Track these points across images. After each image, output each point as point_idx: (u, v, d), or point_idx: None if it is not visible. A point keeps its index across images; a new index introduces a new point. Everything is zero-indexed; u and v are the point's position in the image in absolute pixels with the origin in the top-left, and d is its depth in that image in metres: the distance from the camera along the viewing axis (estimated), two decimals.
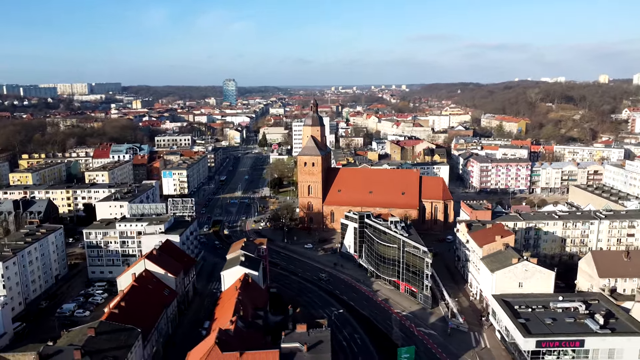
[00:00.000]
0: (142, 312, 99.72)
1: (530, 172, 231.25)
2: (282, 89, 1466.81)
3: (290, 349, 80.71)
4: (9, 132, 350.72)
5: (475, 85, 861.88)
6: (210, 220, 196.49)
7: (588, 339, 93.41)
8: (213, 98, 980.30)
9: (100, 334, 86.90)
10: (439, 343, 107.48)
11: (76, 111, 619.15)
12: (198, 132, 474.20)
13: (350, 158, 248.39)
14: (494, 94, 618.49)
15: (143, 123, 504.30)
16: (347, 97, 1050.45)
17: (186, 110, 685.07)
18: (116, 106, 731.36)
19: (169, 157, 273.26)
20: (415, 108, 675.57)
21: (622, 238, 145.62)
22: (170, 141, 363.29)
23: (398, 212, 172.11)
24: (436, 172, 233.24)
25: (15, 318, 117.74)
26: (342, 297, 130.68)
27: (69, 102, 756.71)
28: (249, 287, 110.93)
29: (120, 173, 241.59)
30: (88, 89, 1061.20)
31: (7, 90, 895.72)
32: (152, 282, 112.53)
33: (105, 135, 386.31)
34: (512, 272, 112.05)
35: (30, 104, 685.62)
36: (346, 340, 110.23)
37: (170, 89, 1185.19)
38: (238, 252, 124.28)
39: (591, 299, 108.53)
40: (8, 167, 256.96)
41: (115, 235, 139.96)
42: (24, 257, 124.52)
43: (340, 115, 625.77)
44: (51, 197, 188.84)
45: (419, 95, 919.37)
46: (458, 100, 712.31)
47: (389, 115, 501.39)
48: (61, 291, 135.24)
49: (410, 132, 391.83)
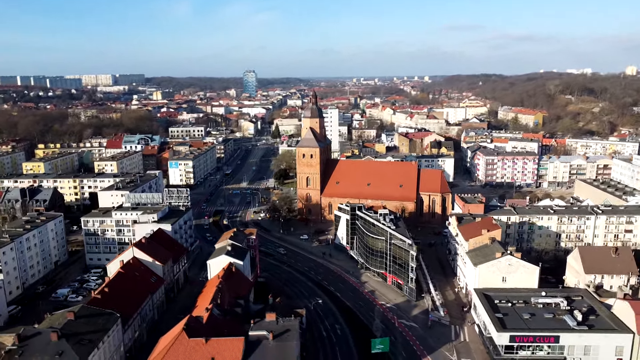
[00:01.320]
0: (125, 298, 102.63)
1: (537, 166, 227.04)
2: (304, 81, 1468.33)
3: (257, 336, 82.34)
4: (28, 122, 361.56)
5: (497, 76, 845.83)
6: (204, 210, 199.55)
7: (563, 335, 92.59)
8: (234, 89, 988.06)
9: (80, 317, 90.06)
10: (418, 335, 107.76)
11: (97, 102, 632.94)
12: (213, 123, 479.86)
13: (355, 150, 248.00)
14: (514, 86, 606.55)
15: (161, 114, 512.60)
16: (368, 88, 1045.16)
17: (205, 101, 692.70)
18: (138, 97, 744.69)
19: (178, 147, 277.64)
20: (434, 100, 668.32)
21: (619, 234, 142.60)
22: (184, 132, 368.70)
23: (394, 204, 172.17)
24: (441, 165, 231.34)
25: (13, 301, 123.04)
26: (329, 287, 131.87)
27: (92, 93, 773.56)
28: (232, 276, 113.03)
29: (129, 163, 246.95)
30: (112, 80, 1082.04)
31: (34, 81, 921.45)
32: (139, 270, 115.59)
33: (122, 126, 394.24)
34: (495, 267, 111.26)
35: (54, 95, 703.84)
36: (327, 330, 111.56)
37: (193, 80, 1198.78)
38: (226, 241, 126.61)
39: (575, 295, 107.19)
40: (24, 157, 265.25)
41: (111, 223, 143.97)
42: (22, 244, 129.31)
43: (357, 107, 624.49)
44: (59, 186, 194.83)
45: (440, 87, 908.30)
46: (479, 92, 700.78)
47: (404, 107, 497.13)
48: (59, 277, 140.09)
49: (424, 124, 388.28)
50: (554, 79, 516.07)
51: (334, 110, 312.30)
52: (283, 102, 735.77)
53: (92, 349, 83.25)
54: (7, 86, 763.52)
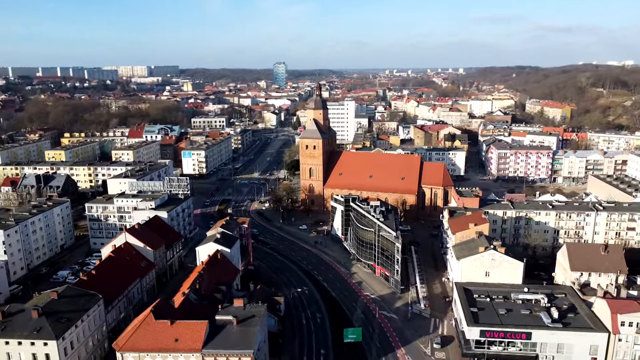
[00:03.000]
0: (111, 281, 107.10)
1: (552, 161, 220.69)
2: (336, 72, 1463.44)
3: (223, 321, 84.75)
4: (59, 112, 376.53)
5: (532, 69, 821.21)
6: (210, 200, 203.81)
7: (536, 332, 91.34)
8: (264, 81, 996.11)
9: (63, 297, 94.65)
10: (396, 327, 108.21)
11: (129, 93, 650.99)
12: (238, 114, 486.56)
13: (367, 142, 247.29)
14: (547, 79, 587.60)
15: (188, 105, 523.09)
16: (398, 80, 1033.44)
17: (233, 92, 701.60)
18: (170, 88, 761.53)
19: (195, 138, 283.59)
20: (463, 92, 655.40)
21: (621, 232, 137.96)
22: (205, 123, 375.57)
23: (395, 196, 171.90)
24: (452, 158, 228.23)
25: (17, 281, 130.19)
26: (318, 277, 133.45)
27: (126, 84, 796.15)
28: (217, 263, 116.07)
29: (146, 152, 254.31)
30: (147, 71, 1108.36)
31: (73, 72, 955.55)
32: (130, 254, 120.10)
33: (148, 116, 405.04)
34: (478, 261, 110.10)
35: (90, 85, 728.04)
36: (307, 318, 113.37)
37: (226, 72, 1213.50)
38: (217, 229, 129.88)
39: (558, 292, 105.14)
40: (49, 145, 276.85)
41: (113, 209, 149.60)
42: (27, 227, 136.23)
43: (384, 99, 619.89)
44: (75, 173, 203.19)
45: (474, 79, 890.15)
46: (511, 84, 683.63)
47: (429, 100, 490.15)
48: (64, 259, 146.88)
49: (446, 116, 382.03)
50: (586, 72, 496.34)
51: (351, 102, 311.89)
52: (310, 93, 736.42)
53: (68, 327, 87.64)
54: (46, 77, 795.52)
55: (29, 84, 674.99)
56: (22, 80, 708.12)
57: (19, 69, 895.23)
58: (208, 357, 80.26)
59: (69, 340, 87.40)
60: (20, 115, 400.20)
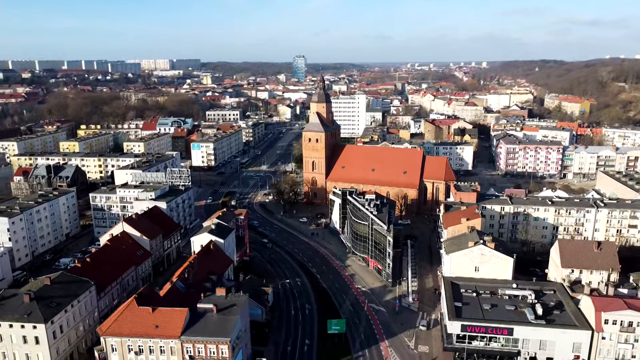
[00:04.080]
0: (105, 268, 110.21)
1: (562, 156, 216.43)
2: (358, 66, 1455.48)
3: (204, 309, 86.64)
4: (77, 104, 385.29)
5: (556, 62, 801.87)
6: (216, 192, 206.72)
7: (517, 328, 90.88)
8: (283, 74, 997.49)
9: (56, 283, 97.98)
10: (383, 320, 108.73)
11: (149, 86, 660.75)
12: (254, 107, 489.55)
13: (375, 136, 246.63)
14: (570, 73, 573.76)
15: (206, 98, 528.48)
16: (419, 74, 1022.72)
17: (251, 86, 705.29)
18: (190, 82, 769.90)
19: (206, 130, 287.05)
20: (483, 86, 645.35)
21: (622, 229, 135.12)
22: (218, 116, 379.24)
23: (396, 191, 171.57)
24: (459, 153, 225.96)
25: (22, 267, 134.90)
26: (312, 269, 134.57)
27: (147, 77, 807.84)
28: (209, 253, 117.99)
29: (157, 144, 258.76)
30: (169, 64, 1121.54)
31: (97, 66, 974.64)
32: (127, 243, 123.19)
33: (165, 109, 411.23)
34: (467, 256, 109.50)
35: (112, 78, 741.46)
36: (296, 309, 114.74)
37: (247, 65, 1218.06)
38: (212, 220, 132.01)
39: (548, 289, 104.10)
40: (65, 137, 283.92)
41: (116, 200, 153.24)
42: (32, 215, 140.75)
43: (402, 93, 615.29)
44: (85, 164, 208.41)
45: (495, 73, 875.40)
46: (533, 78, 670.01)
47: (446, 94, 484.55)
48: (68, 247, 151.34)
49: (461, 111, 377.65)
50: (608, 65, 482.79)
51: (362, 96, 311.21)
52: (329, 87, 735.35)
53: (58, 311, 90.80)
54: (70, 71, 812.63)
55: (53, 77, 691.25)
56: (47, 73, 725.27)
57: (45, 62, 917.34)
58: (187, 344, 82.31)
59: (58, 324, 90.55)
60: (41, 107, 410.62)
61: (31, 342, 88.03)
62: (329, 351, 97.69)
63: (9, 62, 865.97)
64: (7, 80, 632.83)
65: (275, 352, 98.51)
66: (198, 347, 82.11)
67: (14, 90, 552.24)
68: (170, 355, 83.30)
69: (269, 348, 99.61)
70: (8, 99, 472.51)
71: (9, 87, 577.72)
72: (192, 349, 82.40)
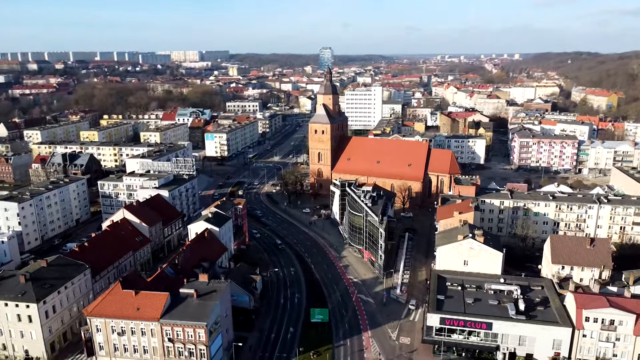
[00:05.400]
0: (102, 253, 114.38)
1: (577, 151, 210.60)
2: (387, 58, 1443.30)
3: (185, 294, 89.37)
4: (103, 95, 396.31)
5: (590, 54, 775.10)
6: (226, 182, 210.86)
7: (497, 323, 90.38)
8: (310, 66, 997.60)
9: (52, 265, 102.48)
10: (370, 311, 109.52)
11: (176, 77, 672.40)
12: (276, 99, 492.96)
13: (387, 128, 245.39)
14: (602, 65, 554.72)
15: (229, 89, 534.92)
16: (447, 66, 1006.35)
17: (276, 77, 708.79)
18: (217, 73, 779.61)
19: (222, 121, 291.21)
20: (510, 79, 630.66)
21: (626, 227, 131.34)
22: (239, 107, 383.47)
23: (399, 183, 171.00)
24: (471, 146, 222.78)
25: (31, 250, 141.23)
26: (307, 259, 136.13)
27: (175, 68, 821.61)
28: (203, 241, 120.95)
29: (173, 134, 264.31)
30: (199, 56, 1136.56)
31: (128, 57, 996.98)
32: (126, 229, 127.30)
33: (187, 100, 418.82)
34: (456, 249, 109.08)
35: (141, 70, 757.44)
36: (285, 298, 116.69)
37: (275, 57, 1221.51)
38: (210, 209, 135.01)
39: (536, 285, 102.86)
40: (88, 126, 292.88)
41: (123, 187, 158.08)
42: (42, 201, 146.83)
43: (426, 86, 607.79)
44: (101, 153, 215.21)
45: (527, 65, 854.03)
46: (564, 70, 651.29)
47: (469, 86, 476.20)
48: (77, 232, 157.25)
49: (482, 103, 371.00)
50: (638, 57, 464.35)
51: (378, 88, 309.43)
52: (353, 79, 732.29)
53: (50, 292, 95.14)
54: (102, 62, 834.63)
55: (84, 68, 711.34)
56: (79, 65, 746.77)
57: (79, 54, 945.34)
58: (166, 327, 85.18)
59: (51, 304, 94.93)
60: (70, 97, 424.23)
61: (25, 321, 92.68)
62: (311, 339, 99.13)
63: (44, 54, 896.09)
64: (41, 71, 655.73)
65: (259, 338, 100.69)
66: (176, 330, 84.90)
67: (46, 80, 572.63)
68: (151, 337, 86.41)
69: (253, 334, 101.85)
70: (40, 89, 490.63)
71: (42, 77, 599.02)
72: (170, 332, 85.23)
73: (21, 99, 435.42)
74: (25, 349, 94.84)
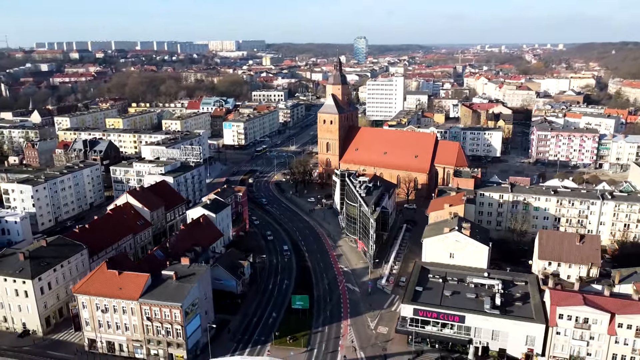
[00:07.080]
0: (102, 235, 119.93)
1: (598, 145, 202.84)
2: (425, 47, 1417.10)
3: (166, 276, 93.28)
4: (135, 83, 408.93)
5: (635, 44, 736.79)
6: None
7: (469, 316, 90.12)
8: (344, 56, 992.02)
9: (51, 245, 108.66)
10: (354, 299, 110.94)
11: (210, 66, 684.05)
12: (304, 88, 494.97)
13: (404, 119, 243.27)
14: None
15: (260, 79, 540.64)
16: (486, 56, 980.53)
17: (307, 67, 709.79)
18: (252, 63, 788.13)
19: (243, 110, 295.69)
20: (548, 69, 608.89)
21: (631, 224, 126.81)
22: (263, 96, 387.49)
23: (405, 174, 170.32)
24: (487, 139, 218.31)
25: (44, 231, 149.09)
26: (302, 248, 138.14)
27: (210, 58, 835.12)
28: (198, 226, 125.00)
29: (194, 123, 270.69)
30: (235, 46, 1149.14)
31: (167, 47, 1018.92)
32: (128, 213, 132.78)
33: (215, 89, 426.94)
34: (442, 242, 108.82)
35: (177, 59, 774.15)
36: (274, 284, 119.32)
37: (311, 47, 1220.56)
38: (210, 195, 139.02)
39: (520, 280, 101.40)
40: (116, 113, 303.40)
41: (133, 173, 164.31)
42: (56, 185, 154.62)
43: (460, 76, 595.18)
44: (122, 139, 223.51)
45: (568, 56, 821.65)
46: (607, 61, 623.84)
47: (500, 77, 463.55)
48: (90, 215, 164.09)
49: (511, 95, 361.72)
50: None
51: (399, 79, 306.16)
52: (386, 69, 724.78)
53: (46, 270, 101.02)
54: (140, 51, 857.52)
55: (123, 57, 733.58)
56: (118, 54, 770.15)
57: (120, 43, 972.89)
58: (144, 306, 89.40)
59: (47, 281, 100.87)
60: (105, 85, 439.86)
61: (22, 295, 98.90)
62: (291, 325, 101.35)
63: (88, 43, 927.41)
64: (81, 59, 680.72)
65: (242, 321, 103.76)
66: (154, 310, 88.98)
67: (86, 69, 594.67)
68: (131, 315, 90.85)
69: (236, 317, 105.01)
70: (79, 78, 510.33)
71: (82, 66, 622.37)
72: (149, 311, 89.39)
73: (60, 87, 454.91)
74: (22, 322, 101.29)
